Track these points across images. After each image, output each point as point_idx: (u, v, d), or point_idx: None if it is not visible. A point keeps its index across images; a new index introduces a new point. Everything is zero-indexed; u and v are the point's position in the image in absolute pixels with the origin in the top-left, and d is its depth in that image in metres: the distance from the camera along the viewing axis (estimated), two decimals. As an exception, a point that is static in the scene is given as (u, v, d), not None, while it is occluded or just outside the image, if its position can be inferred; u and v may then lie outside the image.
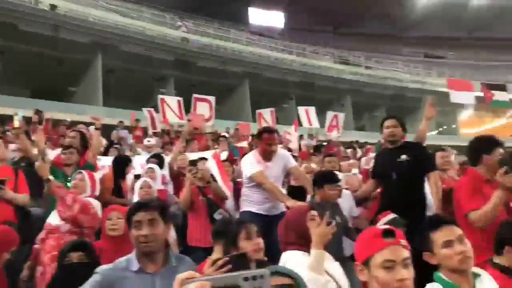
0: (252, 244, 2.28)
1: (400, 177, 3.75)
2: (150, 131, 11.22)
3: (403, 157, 3.76)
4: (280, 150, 4.39)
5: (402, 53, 34.25)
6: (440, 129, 29.59)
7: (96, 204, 3.73)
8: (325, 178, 3.62)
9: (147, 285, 1.90)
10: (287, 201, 3.69)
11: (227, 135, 12.16)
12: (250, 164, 4.08)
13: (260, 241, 2.33)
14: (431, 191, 3.92)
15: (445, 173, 4.63)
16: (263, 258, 2.36)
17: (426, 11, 35.93)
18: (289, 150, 9.61)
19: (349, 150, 14.76)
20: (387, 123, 3.91)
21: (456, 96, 23.79)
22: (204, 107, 11.86)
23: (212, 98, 12.07)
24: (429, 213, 3.85)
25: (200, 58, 22.13)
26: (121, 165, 5.00)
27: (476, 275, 1.89)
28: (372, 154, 10.22)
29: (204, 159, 5.10)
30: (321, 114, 15.48)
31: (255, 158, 4.10)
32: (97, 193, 4.05)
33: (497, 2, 35.99)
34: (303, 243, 2.31)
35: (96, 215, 3.43)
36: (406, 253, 1.50)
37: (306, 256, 2.26)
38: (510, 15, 36.06)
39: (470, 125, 30.83)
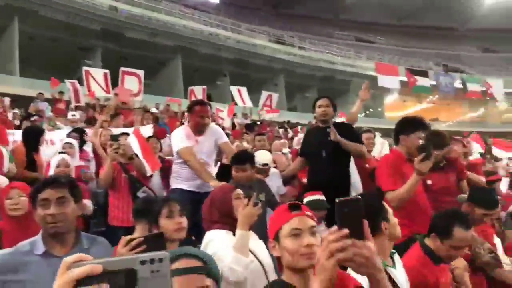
0: (173, 223, 2.16)
1: (329, 156, 3.84)
2: (73, 105, 10.50)
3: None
4: (213, 125, 4.24)
5: (334, 36, 35.08)
6: (368, 112, 30.89)
7: (3, 182, 3.38)
8: (233, 160, 3.50)
9: (54, 269, 1.66)
10: (211, 181, 3.55)
11: (156, 111, 11.74)
12: (179, 139, 3.88)
13: (183, 220, 2.20)
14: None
15: (369, 154, 4.81)
16: (189, 237, 2.31)
17: (358, -4, 36.99)
18: (222, 128, 9.51)
19: (281, 130, 14.97)
20: (320, 102, 4.00)
21: (383, 80, 24.87)
22: (132, 81, 11.26)
23: (141, 72, 11.50)
24: (353, 192, 3.97)
25: (129, 29, 20.99)
26: (33, 136, 4.51)
27: (393, 253, 2.00)
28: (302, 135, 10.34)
29: (126, 134, 4.74)
30: (255, 93, 15.43)
31: (185, 133, 3.90)
32: (5, 169, 3.63)
33: (423, -8, 37.89)
34: (227, 222, 2.29)
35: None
36: (312, 222, 1.54)
37: (230, 235, 2.23)
38: (435, 5, 38.17)
39: (395, 109, 32.58)
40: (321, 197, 3.54)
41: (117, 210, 3.94)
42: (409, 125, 3.18)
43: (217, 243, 2.21)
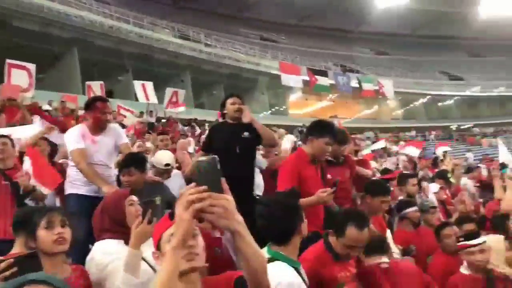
0: (52, 235, 1.97)
1: (242, 152, 3.80)
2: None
3: (246, 133, 3.82)
4: (112, 124, 3.97)
5: (239, 34, 35.39)
6: (273, 109, 31.70)
7: None
8: (118, 164, 3.43)
9: None
10: (104, 186, 3.26)
11: (49, 107, 10.74)
12: (72, 140, 3.51)
13: (65, 231, 2.02)
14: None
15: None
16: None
17: (262, -6, 37.73)
18: (123, 126, 8.98)
19: (186, 128, 14.65)
20: (233, 99, 3.96)
21: (287, 79, 25.62)
22: (21, 76, 10.13)
23: (31, 66, 10.38)
24: (257, 191, 4.10)
25: (16, 17, 18.97)
26: None
27: None
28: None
29: (4, 136, 4.07)
30: (160, 90, 14.85)
31: (80, 132, 3.54)
32: None
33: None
34: (119, 230, 2.21)
35: None
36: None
37: (122, 245, 2.16)
38: (333, 7, 40.37)
39: (298, 107, 33.86)
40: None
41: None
42: (320, 128, 3.28)
43: (104, 254, 2.12)
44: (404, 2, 42.84)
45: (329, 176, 3.61)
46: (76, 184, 3.50)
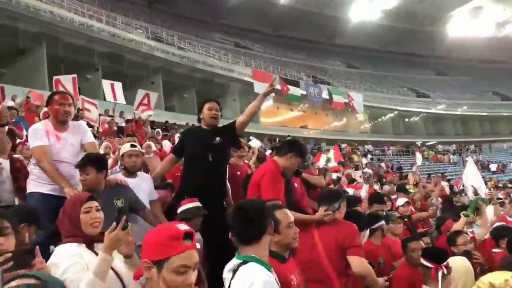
0: None
1: (215, 160, 3.78)
2: None
3: (218, 139, 3.79)
4: (78, 122, 3.87)
5: (214, 39, 35.32)
6: (244, 116, 31.63)
7: None
8: (78, 163, 3.25)
9: None
10: (66, 187, 3.13)
11: (12, 103, 10.34)
12: (35, 136, 3.34)
13: (6, 240, 1.93)
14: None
15: (241, 160, 5.10)
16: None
17: (239, 2, 37.82)
18: (90, 126, 8.74)
19: (156, 131, 14.40)
20: (211, 104, 3.92)
21: (259, 87, 25.72)
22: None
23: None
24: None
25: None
26: None
27: None
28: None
29: None
30: (130, 90, 14.57)
31: (44, 128, 3.37)
32: None
33: (298, 5, 40.35)
34: (80, 235, 2.17)
35: None
36: (197, 257, 1.56)
37: (82, 248, 2.13)
38: (307, 19, 40.95)
39: (269, 115, 33.98)
40: (198, 204, 3.45)
41: None
42: (300, 149, 3.36)
43: (62, 258, 2.05)
44: (375, 17, 44.03)
45: (296, 184, 3.87)
46: (40, 182, 3.31)
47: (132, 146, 3.89)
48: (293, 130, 30.27)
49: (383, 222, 3.99)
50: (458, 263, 3.27)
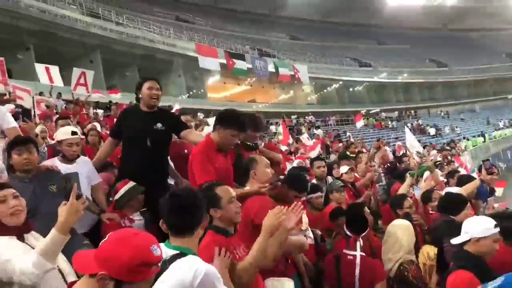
0: None
1: (154, 144, 3.63)
2: None
3: (159, 125, 3.64)
4: None
5: (153, 14, 33.99)
6: (191, 93, 31.08)
7: None
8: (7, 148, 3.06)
9: None
10: None
11: None
12: None
13: None
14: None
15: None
16: None
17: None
18: (25, 110, 8.14)
19: (100, 111, 13.83)
20: (150, 84, 3.70)
21: (204, 62, 25.20)
22: None
23: None
24: (170, 180, 4.03)
25: None
26: None
27: None
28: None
29: None
30: (67, 70, 13.74)
31: None
32: None
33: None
34: (1, 228, 2.01)
35: None
36: None
37: (14, 241, 2.00)
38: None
39: (216, 90, 33.60)
40: (132, 184, 3.39)
41: None
42: (226, 119, 3.20)
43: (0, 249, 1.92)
44: (318, -12, 44.27)
45: None
46: None
47: (73, 133, 3.59)
48: (241, 105, 30.15)
49: (316, 194, 4.15)
50: (403, 226, 3.40)
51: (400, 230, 3.34)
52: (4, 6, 19.83)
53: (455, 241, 2.69)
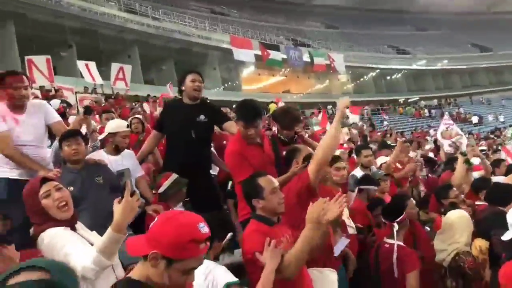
0: None
1: (198, 136, 3.67)
2: None
3: (202, 117, 3.67)
4: (38, 101, 3.65)
5: (189, 7, 34.32)
6: (225, 85, 31.29)
7: None
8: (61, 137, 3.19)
9: None
10: (40, 170, 3.02)
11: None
12: None
13: None
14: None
15: None
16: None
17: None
18: (69, 104, 8.46)
19: (136, 105, 14.14)
20: (194, 76, 3.73)
21: (239, 54, 25.32)
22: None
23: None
24: (213, 172, 4.12)
25: None
26: None
27: None
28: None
29: None
30: (107, 66, 14.18)
31: (0, 112, 3.13)
32: None
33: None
34: (50, 219, 2.06)
35: None
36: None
37: (69, 230, 2.08)
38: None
39: (251, 82, 33.64)
40: (174, 177, 3.45)
41: None
42: (238, 111, 3.20)
43: (59, 238, 2.00)
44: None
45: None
46: (4, 167, 3.13)
47: (128, 126, 3.82)
48: (276, 96, 30.14)
49: (372, 187, 4.06)
50: (461, 217, 3.35)
51: (458, 221, 3.29)
52: (47, 5, 20.62)
53: (505, 237, 2.59)
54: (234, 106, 3.82)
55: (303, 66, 30.33)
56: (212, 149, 4.16)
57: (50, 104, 4.07)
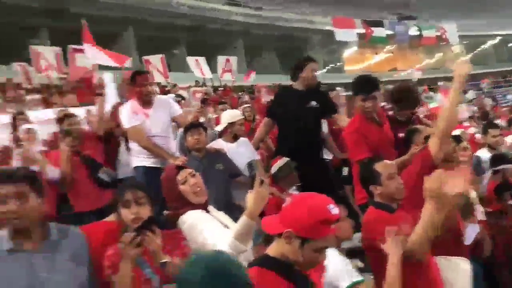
0: (129, 213, 1.95)
1: (309, 122, 3.77)
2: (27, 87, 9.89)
3: (313, 103, 3.76)
4: (160, 96, 4.17)
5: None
6: (328, 67, 30.92)
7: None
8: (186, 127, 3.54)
9: (22, 265, 1.67)
10: (170, 158, 3.42)
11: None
12: (125, 117, 3.68)
13: (140, 210, 1.95)
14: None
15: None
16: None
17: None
18: (182, 97, 9.24)
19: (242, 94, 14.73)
20: (313, 65, 3.83)
21: (341, 34, 24.75)
22: (84, 58, 10.68)
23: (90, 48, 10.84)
24: (325, 155, 4.14)
25: (72, 4, 19.80)
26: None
27: None
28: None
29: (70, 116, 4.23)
30: (214, 59, 15.06)
31: (132, 108, 3.68)
32: None
33: None
34: (189, 203, 2.21)
35: None
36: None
37: (205, 214, 2.23)
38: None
39: (354, 62, 32.74)
40: (286, 160, 3.53)
41: (75, 197, 3.76)
42: (355, 85, 3.23)
43: (201, 225, 2.12)
44: None
45: (401, 134, 3.40)
46: (141, 156, 3.67)
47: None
48: (382, 75, 28.91)
49: (508, 166, 3.74)
50: None
51: None
52: (162, 8, 22.46)
53: None
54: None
55: (410, 41, 28.58)
56: (328, 133, 4.25)
57: None
